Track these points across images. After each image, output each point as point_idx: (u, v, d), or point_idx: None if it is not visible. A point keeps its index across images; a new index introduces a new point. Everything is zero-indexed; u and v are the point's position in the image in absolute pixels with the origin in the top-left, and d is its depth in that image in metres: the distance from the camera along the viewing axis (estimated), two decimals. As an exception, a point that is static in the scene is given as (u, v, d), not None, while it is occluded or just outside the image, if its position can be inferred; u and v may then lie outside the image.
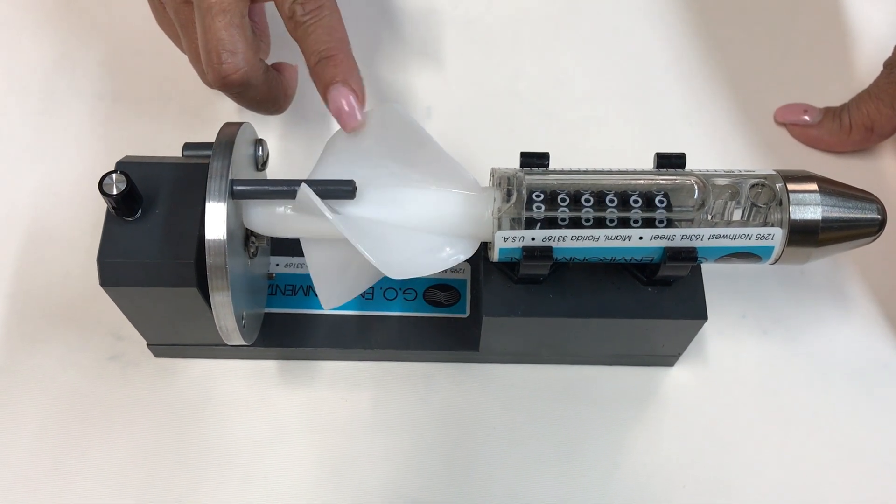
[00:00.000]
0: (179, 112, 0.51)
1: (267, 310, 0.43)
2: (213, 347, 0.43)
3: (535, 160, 0.38)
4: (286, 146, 0.50)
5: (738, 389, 0.44)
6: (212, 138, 0.37)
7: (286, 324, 0.43)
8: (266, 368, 0.44)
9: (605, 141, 0.51)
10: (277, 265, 0.44)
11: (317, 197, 0.34)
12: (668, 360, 0.44)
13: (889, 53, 0.47)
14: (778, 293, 0.46)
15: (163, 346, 0.43)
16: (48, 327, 0.44)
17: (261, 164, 0.40)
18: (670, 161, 0.38)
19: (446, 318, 0.43)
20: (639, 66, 0.53)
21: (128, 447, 0.42)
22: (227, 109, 0.51)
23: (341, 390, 0.43)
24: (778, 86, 0.53)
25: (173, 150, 0.39)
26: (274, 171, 0.46)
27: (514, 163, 0.50)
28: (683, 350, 0.43)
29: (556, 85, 0.52)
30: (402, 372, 0.44)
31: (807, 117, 0.50)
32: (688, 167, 0.38)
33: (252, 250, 0.39)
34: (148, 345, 0.43)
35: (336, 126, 0.38)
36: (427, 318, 0.43)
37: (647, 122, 0.51)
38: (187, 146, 0.39)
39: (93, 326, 0.44)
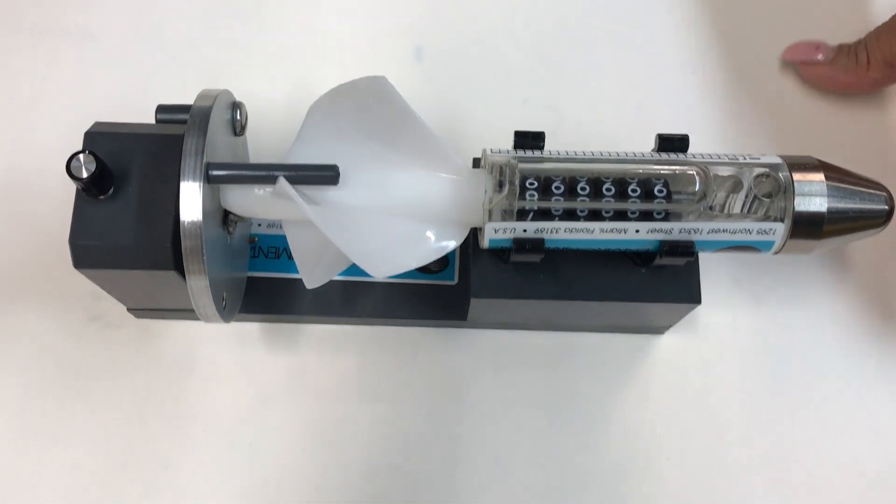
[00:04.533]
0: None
1: (249, 273, 0.42)
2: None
3: (529, 141, 0.35)
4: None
5: (729, 359, 0.43)
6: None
7: (269, 289, 0.42)
8: (250, 331, 0.43)
9: (606, 91, 0.48)
10: (259, 225, 0.43)
11: (295, 193, 0.32)
12: (658, 329, 0.43)
13: None
14: (773, 260, 0.45)
15: (144, 311, 0.42)
16: (24, 287, 0.43)
17: (239, 128, 0.38)
18: (672, 144, 0.36)
19: (434, 285, 0.42)
20: (641, 16, 0.50)
21: (111, 411, 0.41)
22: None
23: (327, 354, 0.43)
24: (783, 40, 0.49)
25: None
26: (257, 133, 0.43)
27: (511, 114, 0.48)
28: (675, 323, 0.42)
29: (555, 25, 0.49)
30: (388, 336, 0.43)
31: (819, 56, 0.46)
32: (689, 143, 0.36)
33: (231, 228, 0.37)
34: (128, 309, 0.42)
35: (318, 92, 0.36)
36: (414, 284, 0.42)
37: (649, 76, 0.48)
38: (161, 109, 0.37)
39: (71, 286, 0.43)
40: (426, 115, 0.46)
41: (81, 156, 0.33)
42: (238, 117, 0.38)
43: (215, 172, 0.34)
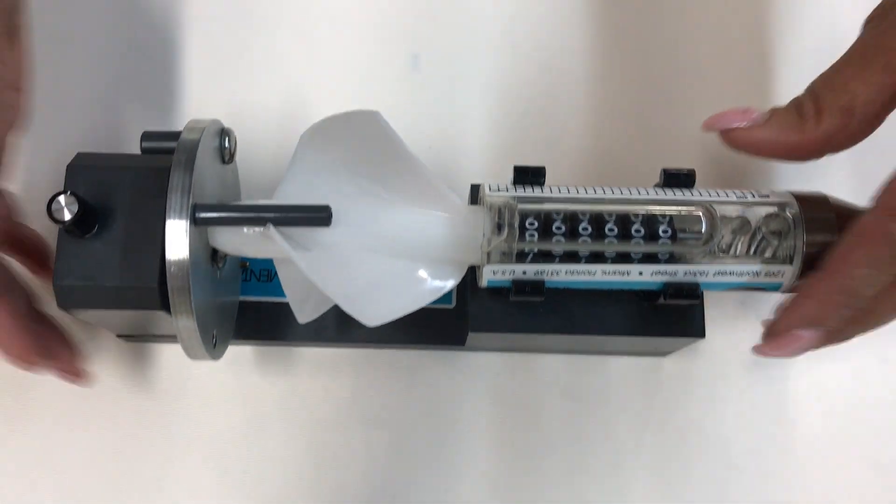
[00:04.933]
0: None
1: (241, 298, 0.41)
2: (187, 337, 0.41)
3: (529, 177, 0.34)
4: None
5: (734, 381, 0.42)
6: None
7: (261, 314, 0.41)
8: (243, 354, 0.42)
9: (610, 106, 0.46)
10: (251, 247, 0.41)
11: (284, 242, 0.31)
12: (661, 353, 0.42)
13: None
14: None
15: (134, 337, 0.41)
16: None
17: (227, 156, 0.37)
18: (678, 179, 0.34)
19: (431, 309, 0.41)
20: (649, 31, 0.47)
21: (102, 436, 0.41)
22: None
23: (322, 378, 0.42)
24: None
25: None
26: (249, 145, 0.41)
27: (510, 125, 0.46)
28: (678, 350, 0.41)
29: (557, 33, 0.47)
30: (385, 359, 0.42)
31: (745, 123, 0.35)
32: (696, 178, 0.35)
33: (221, 263, 0.36)
34: (118, 335, 0.41)
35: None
36: (411, 308, 0.41)
37: (656, 93, 0.46)
38: (147, 136, 0.35)
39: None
40: (422, 126, 0.45)
41: (62, 197, 0.32)
42: (227, 145, 0.36)
43: (202, 215, 0.32)
